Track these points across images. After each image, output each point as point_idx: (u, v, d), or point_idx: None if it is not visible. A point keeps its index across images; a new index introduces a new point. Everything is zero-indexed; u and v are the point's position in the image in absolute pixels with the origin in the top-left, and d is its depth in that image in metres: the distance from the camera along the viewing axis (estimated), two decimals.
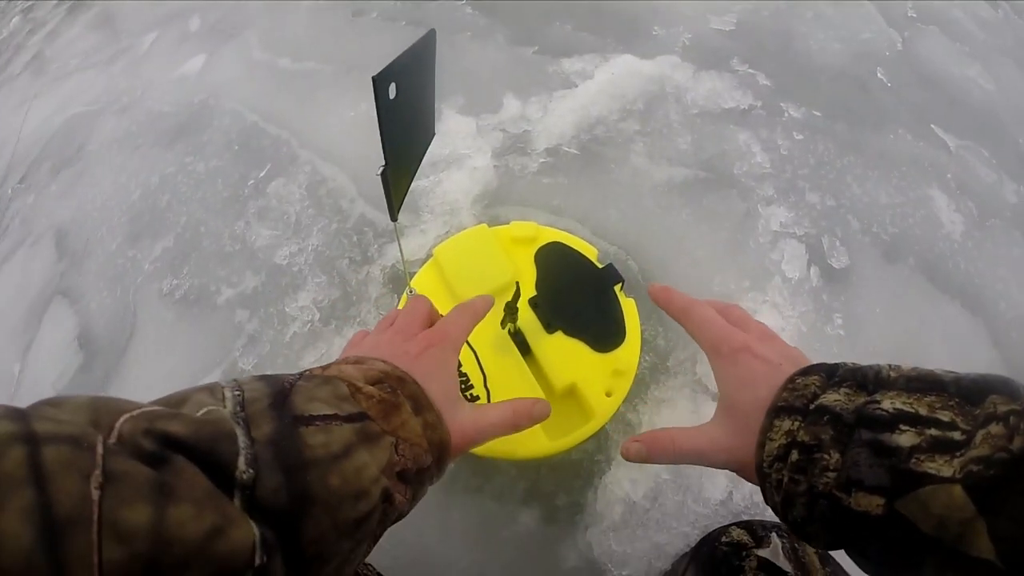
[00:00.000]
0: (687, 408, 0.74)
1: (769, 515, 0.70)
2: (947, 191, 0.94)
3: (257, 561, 0.25)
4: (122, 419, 0.26)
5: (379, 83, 0.43)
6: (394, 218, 0.56)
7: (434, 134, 0.59)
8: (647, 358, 0.76)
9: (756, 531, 0.61)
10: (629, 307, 0.70)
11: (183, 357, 0.87)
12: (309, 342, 0.82)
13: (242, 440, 0.28)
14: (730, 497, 0.70)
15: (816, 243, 0.87)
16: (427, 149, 0.58)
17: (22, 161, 1.37)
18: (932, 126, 1.03)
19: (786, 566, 0.53)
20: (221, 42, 1.29)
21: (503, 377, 0.66)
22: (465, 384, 0.66)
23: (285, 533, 0.27)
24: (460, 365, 0.66)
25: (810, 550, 0.57)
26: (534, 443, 0.63)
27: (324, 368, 0.39)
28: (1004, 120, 1.08)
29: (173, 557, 0.22)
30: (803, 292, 0.82)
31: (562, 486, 0.71)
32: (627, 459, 0.45)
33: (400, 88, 0.47)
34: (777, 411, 0.36)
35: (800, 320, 0.80)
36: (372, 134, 1.03)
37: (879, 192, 0.93)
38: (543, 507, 0.70)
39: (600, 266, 0.72)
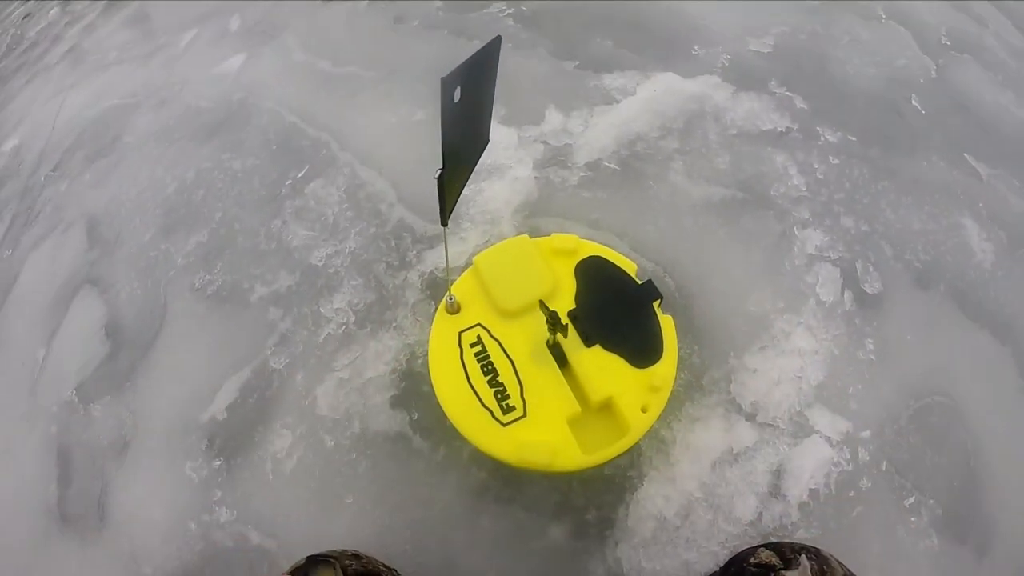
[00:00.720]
0: (720, 427, 0.73)
1: (798, 537, 0.70)
2: (979, 219, 0.94)
3: None
4: None
5: (446, 84, 0.44)
6: (445, 223, 0.56)
7: (488, 140, 0.59)
8: (682, 375, 0.76)
9: (785, 553, 0.60)
10: (667, 324, 0.69)
11: (212, 353, 0.87)
12: (343, 344, 0.82)
13: None
14: (760, 518, 0.70)
15: (850, 267, 0.86)
16: (481, 155, 0.58)
17: (56, 149, 1.38)
18: (965, 154, 1.02)
19: None
20: (261, 42, 1.30)
21: (540, 388, 0.66)
22: (502, 394, 0.66)
23: None
24: (497, 374, 0.66)
25: (839, 572, 0.56)
26: (569, 456, 0.63)
27: None
28: None
29: None
30: (836, 316, 0.82)
31: (593, 501, 0.70)
32: None
33: (464, 91, 0.47)
34: None
35: (833, 343, 0.80)
36: (413, 140, 1.05)
37: (912, 218, 0.93)
38: (573, 521, 0.70)
39: (639, 282, 0.72)
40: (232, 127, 1.12)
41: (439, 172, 0.50)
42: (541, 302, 0.64)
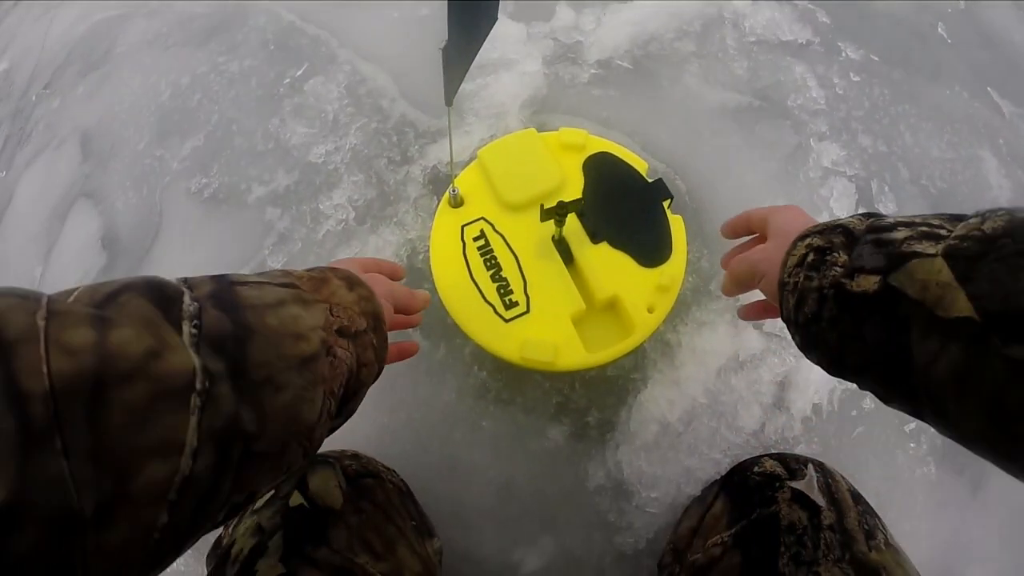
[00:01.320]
0: (727, 333, 0.72)
1: (799, 450, 0.69)
2: (998, 155, 0.92)
3: (198, 385, 0.27)
4: (78, 290, 0.28)
5: None
6: (449, 102, 0.54)
7: (496, 18, 0.55)
8: (690, 279, 0.74)
9: (790, 463, 0.60)
10: (676, 224, 0.68)
11: (210, 255, 0.86)
12: (342, 240, 0.80)
13: (187, 293, 0.31)
14: (763, 429, 0.69)
15: (865, 185, 0.84)
16: (488, 33, 0.55)
17: (47, 68, 1.34)
18: (988, 88, 1.00)
19: (820, 500, 0.52)
20: None
21: (544, 285, 0.64)
22: (505, 289, 0.64)
23: (232, 358, 0.30)
24: (501, 269, 0.65)
25: (843, 486, 0.55)
26: (572, 354, 0.62)
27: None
28: None
29: (118, 370, 0.25)
30: None
31: (595, 403, 0.70)
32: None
33: None
34: (802, 236, 0.44)
35: None
36: (415, 35, 1.00)
37: (931, 145, 0.91)
38: (574, 423, 0.69)
39: (649, 180, 0.69)
40: (228, 29, 1.07)
41: (443, 43, 0.47)
42: (542, 206, 0.62)
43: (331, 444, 0.69)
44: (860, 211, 0.46)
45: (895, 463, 0.70)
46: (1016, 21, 1.13)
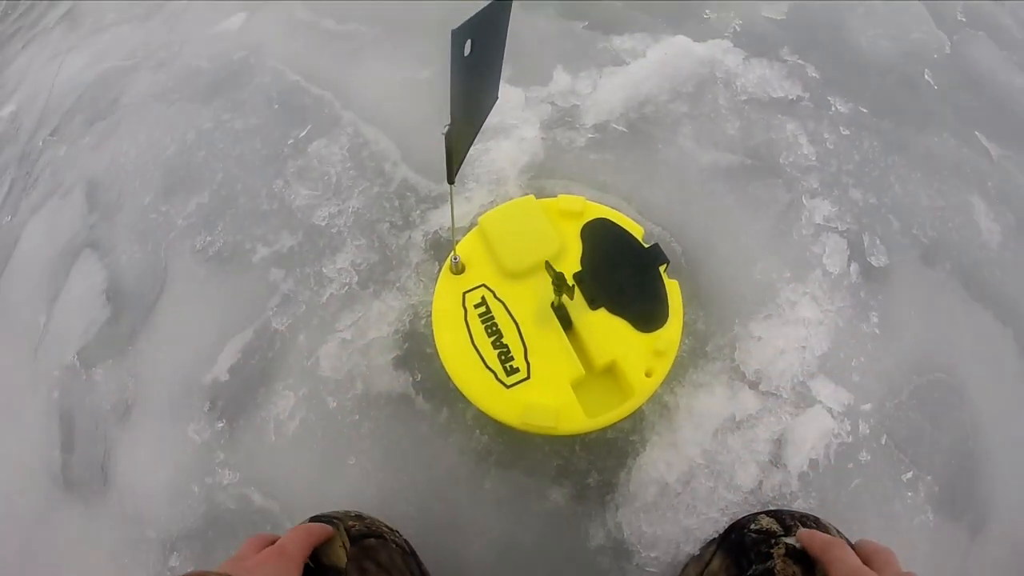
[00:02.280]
0: (724, 394, 0.73)
1: (796, 507, 0.70)
2: (987, 199, 0.93)
3: None
4: None
5: (456, 37, 0.42)
6: (451, 180, 0.55)
7: (497, 98, 0.58)
8: (687, 341, 0.75)
9: (785, 520, 0.61)
10: (673, 288, 0.69)
11: (214, 314, 0.87)
12: (346, 304, 0.82)
13: None
14: (760, 486, 0.70)
15: (857, 239, 0.86)
16: (490, 112, 0.57)
17: (54, 113, 1.36)
18: (976, 132, 1.02)
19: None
20: (262, 2, 1.27)
21: (544, 351, 0.65)
22: (506, 356, 0.65)
23: None
24: (501, 336, 0.66)
25: None
26: (572, 419, 0.63)
27: None
28: None
29: None
30: (842, 287, 0.81)
31: (595, 465, 0.71)
32: None
33: (475, 45, 0.46)
34: None
35: (837, 315, 0.79)
36: (417, 99, 1.02)
37: (921, 194, 0.92)
38: (575, 484, 0.70)
39: (646, 245, 0.71)
40: (233, 87, 1.10)
41: (447, 127, 0.49)
42: (547, 263, 0.64)
43: (336, 505, 0.70)
44: None
45: (893, 512, 0.70)
46: (1001, 60, 1.15)
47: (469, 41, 0.45)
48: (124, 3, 1.54)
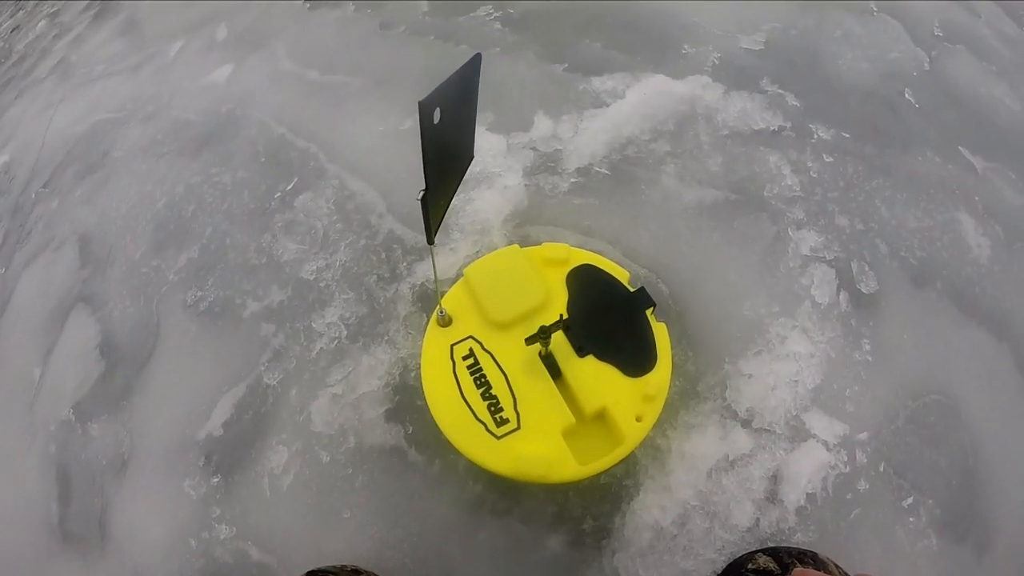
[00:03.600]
0: (716, 434, 0.73)
1: (795, 541, 0.69)
2: (974, 214, 0.93)
3: None
4: None
5: (424, 108, 0.43)
6: (431, 241, 0.56)
7: (473, 156, 0.58)
8: (677, 383, 0.75)
9: (782, 558, 0.60)
10: (660, 331, 0.69)
11: (207, 370, 0.87)
12: (336, 359, 0.82)
13: None
14: (757, 524, 0.69)
15: (845, 267, 0.86)
16: (466, 172, 0.58)
17: (46, 166, 1.38)
18: (960, 148, 1.02)
19: None
20: (248, 52, 1.30)
21: (534, 400, 0.65)
22: (495, 407, 0.65)
23: None
24: (490, 387, 0.66)
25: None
26: (564, 468, 0.62)
27: None
28: None
29: None
30: (832, 317, 0.81)
31: (590, 510, 0.70)
32: None
33: (444, 112, 0.47)
34: None
35: (828, 346, 0.79)
36: (402, 150, 1.03)
37: (907, 216, 0.92)
38: (571, 531, 0.70)
39: (632, 289, 0.71)
40: (221, 139, 1.11)
41: (421, 194, 0.49)
42: (541, 327, 0.63)
43: (332, 558, 0.70)
44: None
45: (895, 540, 0.70)
46: (980, 71, 1.16)
47: (438, 109, 0.45)
48: (114, 54, 1.57)
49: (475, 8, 1.23)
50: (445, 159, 0.53)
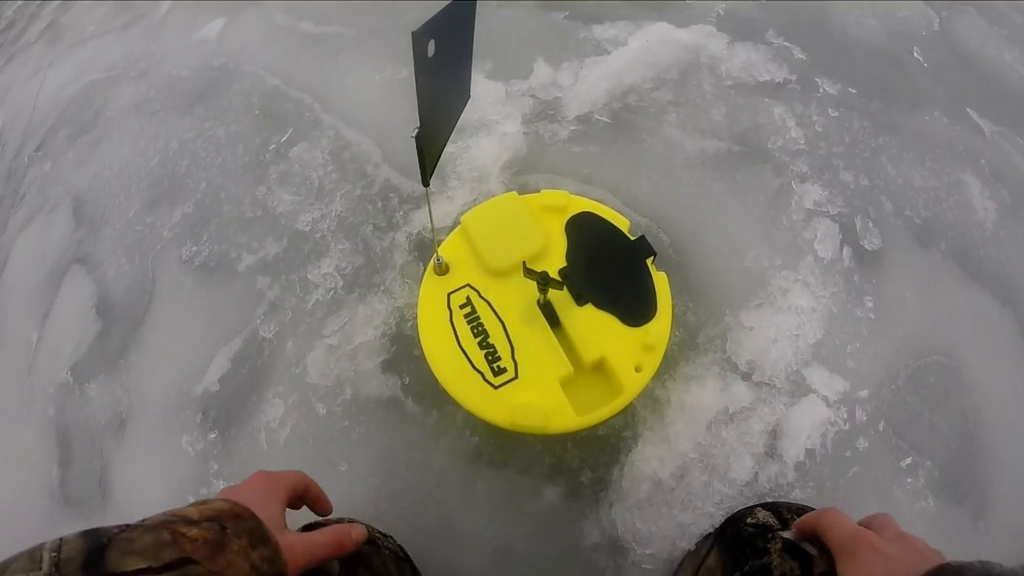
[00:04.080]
0: (716, 386, 0.72)
1: (794, 497, 0.69)
2: (981, 177, 0.92)
3: None
4: None
5: (418, 39, 0.41)
6: (426, 183, 0.55)
7: (469, 97, 0.57)
8: (677, 334, 0.75)
9: (782, 513, 0.60)
10: (660, 281, 0.68)
11: (203, 324, 0.87)
12: (332, 310, 0.81)
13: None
14: (756, 478, 0.69)
15: (849, 223, 0.85)
16: (462, 112, 0.56)
17: (38, 129, 1.36)
18: (968, 110, 1.00)
19: (811, 549, 0.52)
20: (240, 6, 1.27)
21: (531, 349, 0.65)
22: (493, 356, 0.65)
23: None
24: (488, 336, 0.65)
25: None
26: (562, 418, 0.62)
27: (166, 512, 0.40)
28: None
29: None
30: (835, 272, 0.81)
31: (588, 462, 0.70)
32: None
33: (439, 46, 0.45)
34: None
35: (831, 301, 0.78)
36: (397, 99, 1.01)
37: (913, 174, 0.91)
38: (568, 483, 0.70)
39: (632, 238, 0.70)
40: (214, 94, 1.10)
41: (416, 131, 0.48)
42: (524, 265, 0.62)
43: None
44: (972, 567, 0.35)
45: (893, 499, 0.69)
46: (990, 35, 1.14)
47: (432, 42, 0.44)
48: (103, 15, 1.54)
49: None
50: (440, 97, 0.51)
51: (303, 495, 0.53)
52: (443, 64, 0.47)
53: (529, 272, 0.62)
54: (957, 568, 0.34)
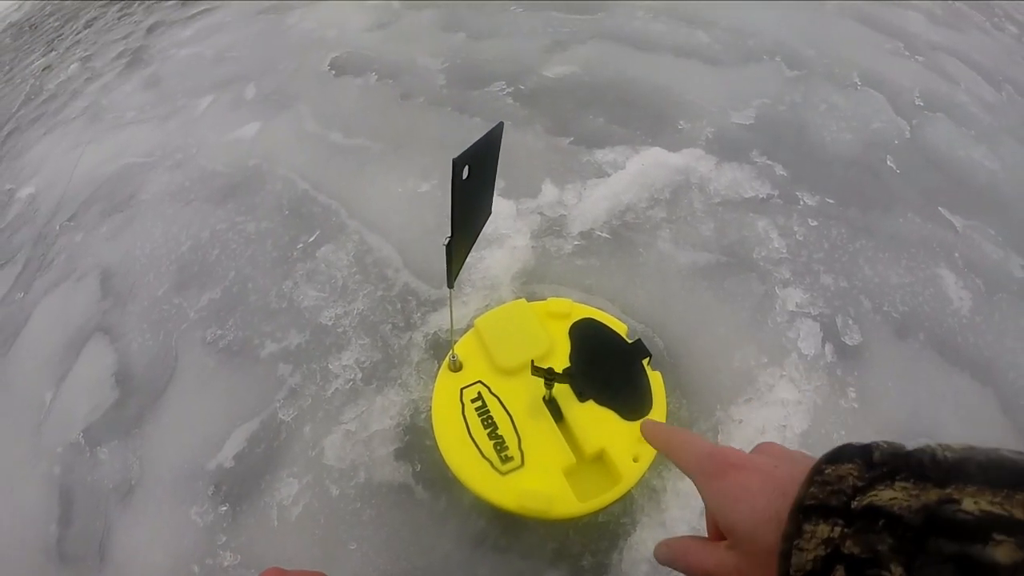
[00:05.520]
0: None
1: None
2: (955, 269, 0.98)
3: None
4: None
5: (458, 164, 0.50)
6: (451, 285, 0.62)
7: (490, 213, 0.65)
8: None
9: None
10: (655, 380, 0.74)
11: (221, 403, 0.90)
12: (350, 399, 0.86)
13: None
14: None
15: (830, 322, 0.90)
16: (484, 225, 0.64)
17: (72, 201, 1.43)
18: (940, 208, 1.08)
19: None
20: (275, 111, 1.38)
21: (537, 440, 0.70)
22: (501, 446, 0.69)
23: None
24: (497, 428, 0.70)
25: None
26: (565, 504, 0.66)
27: None
28: (1009, 197, 1.13)
29: None
30: (818, 368, 0.86)
31: (589, 547, 0.73)
32: (657, 560, 0.41)
33: (472, 170, 0.53)
34: (805, 511, 0.27)
35: (815, 393, 0.83)
36: (418, 210, 1.10)
37: (890, 273, 0.97)
38: (570, 567, 0.72)
39: (629, 341, 0.77)
40: (246, 191, 1.18)
41: (447, 240, 0.55)
42: (532, 363, 0.68)
43: None
44: (878, 446, 0.29)
45: None
46: (958, 136, 1.23)
47: (467, 167, 0.52)
48: (144, 103, 1.66)
49: (489, 83, 1.33)
50: (468, 212, 0.59)
51: None
52: (474, 184, 0.56)
53: (537, 369, 0.68)
54: (861, 448, 0.29)
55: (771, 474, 0.33)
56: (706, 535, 0.39)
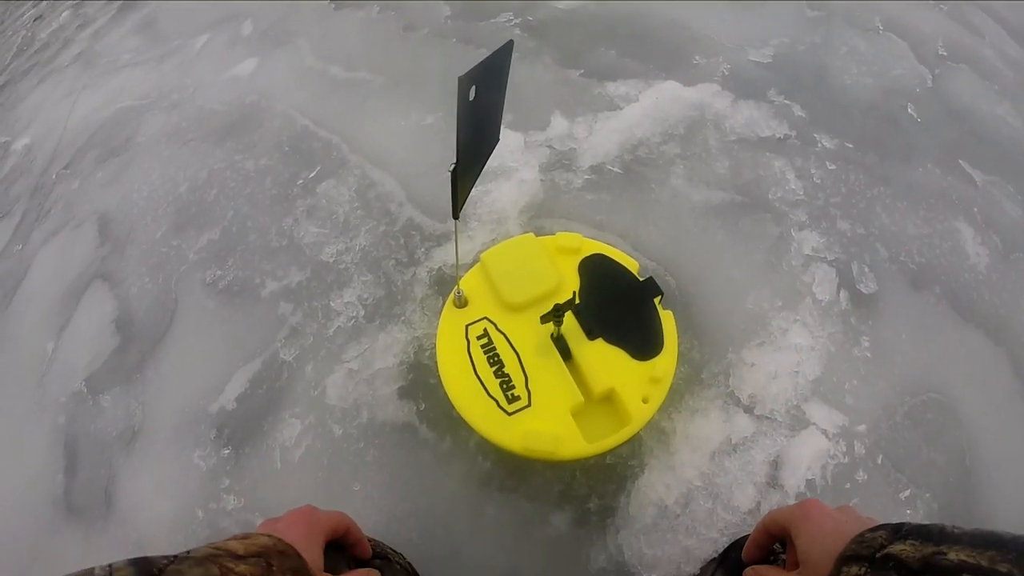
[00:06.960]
0: (719, 418, 0.75)
1: None
2: (973, 224, 0.96)
3: None
4: None
5: (463, 83, 0.46)
6: (456, 216, 0.59)
7: (498, 139, 0.61)
8: (682, 369, 0.78)
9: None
10: (667, 319, 0.72)
11: (222, 345, 0.89)
12: (352, 337, 0.84)
13: None
14: (758, 507, 0.71)
15: (846, 268, 0.88)
16: (491, 152, 0.61)
17: (68, 148, 1.41)
18: (960, 161, 1.05)
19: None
20: (273, 47, 1.33)
21: (544, 379, 0.68)
22: (507, 384, 0.68)
23: None
24: (503, 366, 0.68)
25: None
26: (572, 445, 0.65)
27: (210, 545, 0.40)
28: None
29: None
30: (832, 314, 0.84)
31: (595, 489, 0.72)
32: None
33: (478, 91, 0.50)
34: (846, 560, 0.39)
35: (829, 340, 0.82)
36: (421, 144, 1.07)
37: (907, 223, 0.95)
38: (576, 509, 0.72)
39: (641, 279, 0.74)
40: (244, 129, 1.15)
41: (453, 166, 0.52)
42: (555, 305, 0.65)
43: None
44: (908, 524, 0.39)
45: None
46: (982, 90, 1.19)
47: (473, 87, 0.49)
48: (138, 46, 1.61)
49: (496, 14, 1.27)
50: (475, 137, 0.56)
51: (343, 537, 0.54)
52: (480, 107, 0.52)
53: (545, 318, 0.65)
54: (895, 524, 0.39)
55: (841, 526, 0.43)
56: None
